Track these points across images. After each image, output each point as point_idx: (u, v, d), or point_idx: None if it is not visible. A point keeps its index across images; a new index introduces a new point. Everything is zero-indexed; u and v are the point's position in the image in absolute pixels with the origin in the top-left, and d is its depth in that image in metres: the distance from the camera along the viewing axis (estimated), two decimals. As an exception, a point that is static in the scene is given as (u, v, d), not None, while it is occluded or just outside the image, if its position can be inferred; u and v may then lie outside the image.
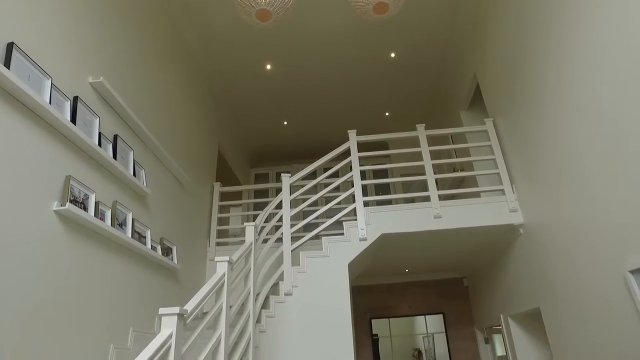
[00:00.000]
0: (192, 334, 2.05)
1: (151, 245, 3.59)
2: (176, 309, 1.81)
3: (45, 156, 2.49)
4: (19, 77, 2.24)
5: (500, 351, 5.85)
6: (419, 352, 6.98)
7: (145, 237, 3.56)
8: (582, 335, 3.06)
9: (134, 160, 3.47)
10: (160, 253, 3.70)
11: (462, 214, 3.99)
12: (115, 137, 3.28)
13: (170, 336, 1.76)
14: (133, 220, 3.36)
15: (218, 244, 4.98)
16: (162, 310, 1.81)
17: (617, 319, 2.64)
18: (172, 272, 3.99)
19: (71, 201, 2.61)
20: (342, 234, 3.92)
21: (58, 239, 2.53)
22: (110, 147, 3.17)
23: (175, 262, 3.97)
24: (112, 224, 3.07)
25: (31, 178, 2.36)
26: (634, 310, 2.47)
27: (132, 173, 3.38)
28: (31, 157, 2.37)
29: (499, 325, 5.17)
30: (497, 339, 5.90)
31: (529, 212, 3.80)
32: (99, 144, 2.97)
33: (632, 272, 2.48)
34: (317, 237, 4.13)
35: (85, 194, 2.81)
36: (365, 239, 3.86)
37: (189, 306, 2.00)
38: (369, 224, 3.92)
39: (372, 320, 6.03)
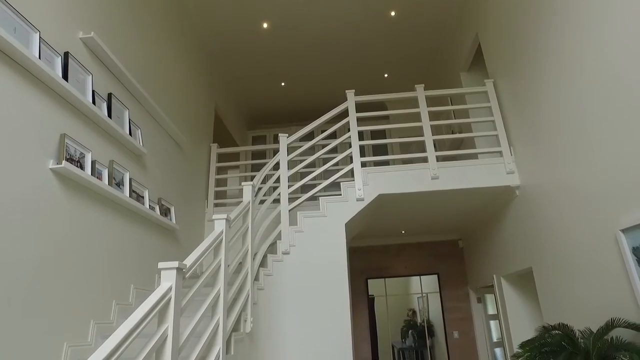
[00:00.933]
0: (192, 288, 2.09)
1: (149, 205, 3.61)
2: (175, 263, 1.84)
3: (39, 114, 2.45)
4: (4, 29, 2.16)
5: (491, 310, 6.04)
6: (414, 311, 7.21)
7: (143, 197, 3.57)
8: (571, 293, 3.15)
9: (129, 119, 3.43)
10: (158, 213, 3.73)
11: (459, 175, 4.00)
12: (110, 95, 3.22)
13: (169, 289, 1.80)
14: (130, 180, 3.36)
15: (216, 205, 5.01)
16: (161, 265, 1.85)
17: (606, 276, 2.72)
18: (170, 232, 4.03)
19: (67, 159, 2.60)
20: (340, 195, 3.94)
21: (57, 198, 2.54)
22: (104, 105, 3.13)
23: (174, 222, 4.01)
24: (110, 183, 3.07)
25: (25, 136, 2.33)
26: (622, 267, 2.53)
27: (128, 132, 3.35)
28: (24, 115, 2.34)
29: (492, 285, 5.31)
30: (489, 298, 6.08)
31: (526, 174, 3.81)
32: (93, 102, 2.93)
33: (623, 231, 2.52)
34: (314, 198, 4.16)
35: (81, 153, 2.80)
36: (362, 200, 3.89)
37: (188, 261, 2.04)
38: (366, 185, 3.94)
39: (368, 281, 6.18)
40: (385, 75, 6.67)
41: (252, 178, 5.34)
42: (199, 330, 2.58)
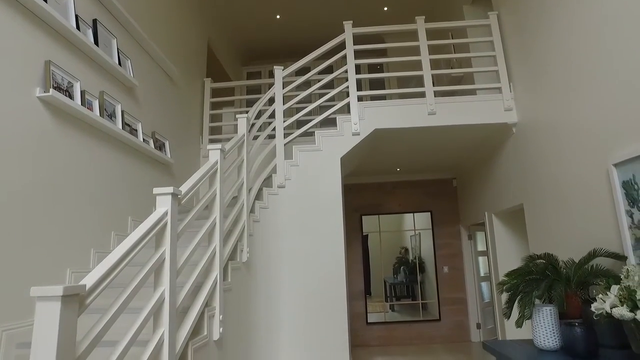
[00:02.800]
0: (189, 214, 2.13)
1: (143, 138, 3.58)
2: (170, 189, 1.85)
3: (20, 39, 2.34)
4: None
5: (481, 247, 6.25)
6: (406, 249, 7.47)
7: (136, 131, 3.53)
8: (559, 227, 3.24)
9: (117, 49, 3.30)
10: (152, 147, 3.71)
11: (457, 111, 3.95)
12: (95, 21, 3.07)
13: (165, 214, 1.83)
14: (122, 112, 3.30)
15: (211, 140, 4.98)
16: (156, 190, 1.86)
17: (593, 210, 2.78)
18: (166, 166, 4.03)
19: (55, 88, 2.53)
20: (335, 129, 3.91)
21: (47, 129, 2.50)
22: (90, 32, 2.99)
23: (169, 156, 4.00)
24: (101, 115, 3.02)
25: (7, 63, 2.25)
26: (610, 200, 2.59)
27: (117, 62, 3.24)
28: (5, 40, 2.23)
29: (483, 223, 5.45)
30: (479, 235, 6.27)
31: (524, 111, 3.77)
32: (77, 28, 2.79)
33: (615, 165, 2.54)
34: (309, 134, 4.13)
35: (69, 82, 2.72)
36: (358, 134, 3.86)
37: (183, 188, 2.05)
38: (362, 119, 3.90)
39: (363, 217, 6.32)
40: (385, 9, 6.36)
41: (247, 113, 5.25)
42: (196, 259, 2.66)
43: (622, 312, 1.94)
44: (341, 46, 4.17)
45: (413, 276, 6.65)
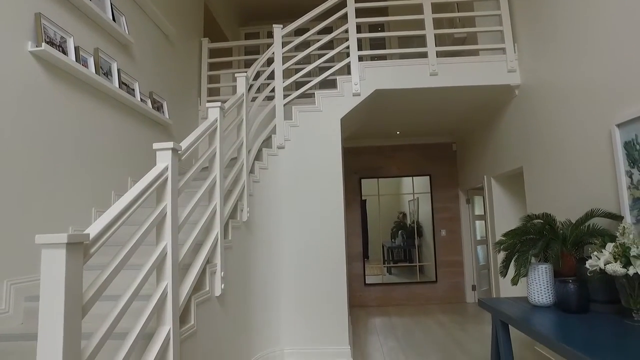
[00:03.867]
0: (188, 172, 2.12)
1: (140, 98, 3.52)
2: (170, 144, 1.84)
3: (9, -12, 2.26)
4: None
5: (478, 211, 6.31)
6: (404, 214, 7.54)
7: (134, 90, 3.47)
8: (558, 189, 3.25)
9: (111, 3, 3.19)
10: (150, 107, 3.66)
11: (459, 72, 3.88)
12: (86, -27, 2.94)
13: (166, 169, 1.82)
14: (119, 70, 3.23)
15: (209, 102, 4.90)
16: (156, 145, 1.84)
17: (593, 171, 2.78)
18: (164, 127, 3.99)
19: (47, 42, 2.46)
20: (336, 90, 3.85)
21: (42, 85, 2.45)
22: (80, -16, 2.87)
23: (167, 117, 3.95)
24: (97, 72, 2.95)
25: (-1, 12, 2.17)
26: (611, 161, 2.59)
27: (111, 18, 3.14)
28: (-6, -13, 2.15)
29: (481, 187, 5.48)
30: (477, 200, 6.31)
31: (527, 73, 3.71)
32: (69, -20, 2.69)
33: (618, 125, 2.52)
34: (308, 96, 4.06)
35: (62, 37, 2.64)
36: (358, 94, 3.81)
37: (183, 144, 2.04)
38: (362, 79, 3.83)
39: (362, 181, 6.34)
40: (388, -35, 6.11)
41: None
42: (196, 219, 2.68)
43: (615, 268, 1.99)
44: (341, 5, 4.04)
45: (411, 240, 6.74)
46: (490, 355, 2.65)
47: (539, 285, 2.47)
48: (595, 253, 2.17)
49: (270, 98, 4.52)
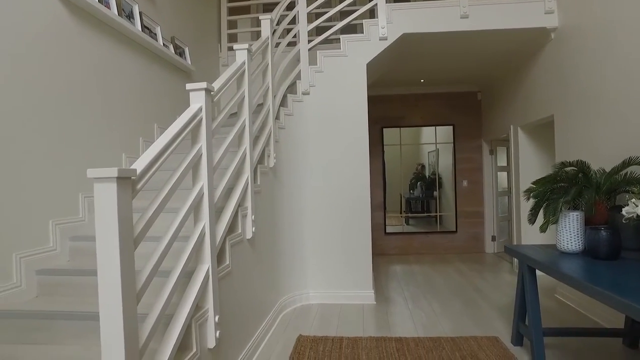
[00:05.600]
0: (220, 114, 2.11)
1: (163, 43, 3.45)
2: (203, 84, 1.81)
3: None
4: None
5: (501, 162, 6.21)
6: (422, 166, 7.48)
7: (156, 35, 3.40)
8: (591, 138, 3.14)
9: (128, -60, 3.05)
10: (173, 52, 3.59)
11: (492, 14, 3.67)
12: None
13: (200, 109, 1.80)
14: (140, 13, 3.15)
15: (230, 49, 4.79)
16: (189, 86, 1.82)
17: (632, 118, 2.66)
18: (187, 74, 3.94)
19: (71, -19, 2.39)
20: (362, 34, 3.70)
21: (68, 28, 2.41)
22: None
23: (189, 63, 3.88)
24: (119, 14, 2.88)
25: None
26: (657, 104, 2.46)
27: (129, -44, 3.02)
28: None
29: (506, 139, 5.36)
30: (501, 151, 6.20)
31: (567, 14, 3.48)
32: None
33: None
34: (330, 41, 3.92)
35: (84, -24, 2.56)
36: (385, 39, 3.66)
37: (215, 85, 2.01)
38: (390, 23, 3.66)
39: (384, 130, 6.24)
40: None
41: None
42: (226, 164, 2.70)
43: (655, 213, 1.95)
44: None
45: (429, 191, 6.72)
46: (515, 300, 2.70)
47: (569, 232, 2.45)
48: (633, 200, 2.12)
49: (292, 44, 4.39)
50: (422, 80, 5.74)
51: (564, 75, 3.56)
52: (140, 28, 3.11)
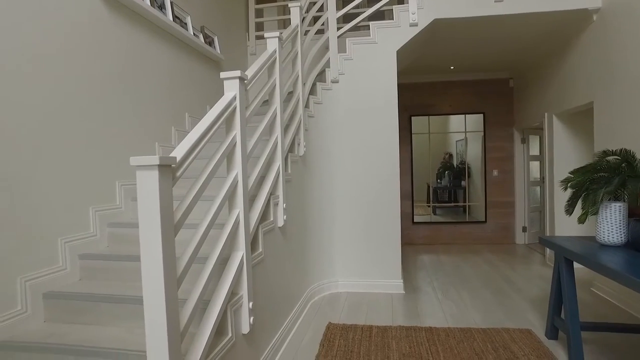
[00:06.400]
0: (252, 103, 2.11)
1: (193, 32, 3.48)
2: (237, 72, 1.81)
3: None
4: None
5: (534, 151, 6.02)
6: (450, 155, 7.34)
7: (186, 24, 3.43)
8: (636, 125, 3.00)
9: None
10: (203, 41, 3.62)
11: (529, -4, 3.53)
12: None
13: (234, 98, 1.81)
14: (171, 3, 3.17)
15: (257, 37, 4.79)
16: (223, 74, 1.83)
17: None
18: (216, 63, 3.97)
19: (106, -28, 2.42)
20: (391, 20, 3.62)
21: (103, 19, 2.46)
22: None
23: (219, 52, 3.91)
24: (152, 5, 2.91)
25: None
26: None
27: (161, -55, 3.04)
28: None
29: (538, 127, 5.18)
30: (533, 139, 6.01)
31: (610, -7, 3.31)
32: None
33: None
34: (360, 28, 3.86)
35: (118, -34, 2.59)
36: (416, 25, 3.58)
37: (248, 73, 2.01)
38: (421, 8, 3.57)
39: (412, 118, 6.15)
40: None
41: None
42: (258, 154, 2.71)
43: None
44: None
45: (457, 181, 6.60)
46: (550, 292, 2.63)
47: (610, 224, 2.36)
48: (682, 190, 2.02)
49: (320, 32, 4.35)
50: (451, 67, 5.60)
51: (607, 59, 3.39)
52: (171, 18, 3.14)
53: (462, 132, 6.24)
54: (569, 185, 2.69)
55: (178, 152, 1.36)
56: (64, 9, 2.16)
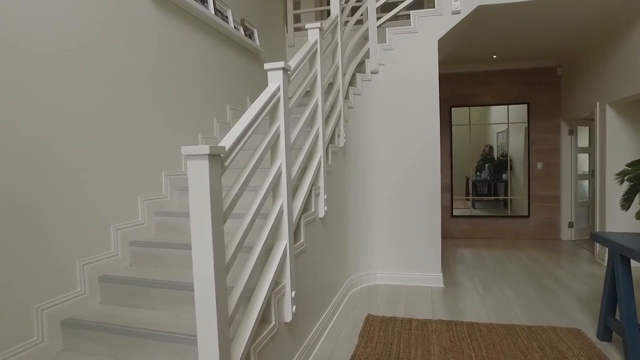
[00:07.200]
0: (295, 94, 2.12)
1: (233, 25, 3.52)
2: (280, 64, 1.82)
3: None
4: None
5: (583, 142, 5.73)
6: (490, 147, 7.11)
7: (227, 17, 3.48)
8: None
9: None
10: (243, 34, 3.66)
11: (582, -22, 3.33)
12: None
13: (278, 89, 1.82)
14: (213, -4, 3.22)
15: (296, 29, 4.80)
16: (267, 65, 1.84)
17: None
18: (255, 55, 4.01)
19: (153, -32, 2.49)
20: (433, 9, 3.52)
21: (150, 14, 2.53)
22: None
23: (258, 44, 3.94)
24: (195, -1, 2.97)
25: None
26: None
27: (203, -60, 3.08)
28: None
29: (589, 116, 4.91)
30: (582, 130, 5.71)
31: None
32: None
33: None
34: (400, 17, 3.77)
35: (164, -38, 2.65)
36: (458, 12, 3.46)
37: (292, 62, 2.01)
38: (464, -6, 3.46)
39: (452, 109, 5.99)
40: None
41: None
42: (299, 145, 2.73)
43: None
44: None
45: (498, 174, 6.39)
46: (603, 291, 2.51)
47: (671, 219, 2.21)
48: None
49: (359, 22, 4.30)
50: (494, 56, 5.40)
51: (668, 44, 3.16)
52: (213, 12, 3.19)
53: (504, 123, 6.02)
54: (625, 178, 2.55)
55: (226, 142, 1.38)
56: (118, 6, 2.24)
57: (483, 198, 6.34)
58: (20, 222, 1.68)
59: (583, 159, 5.78)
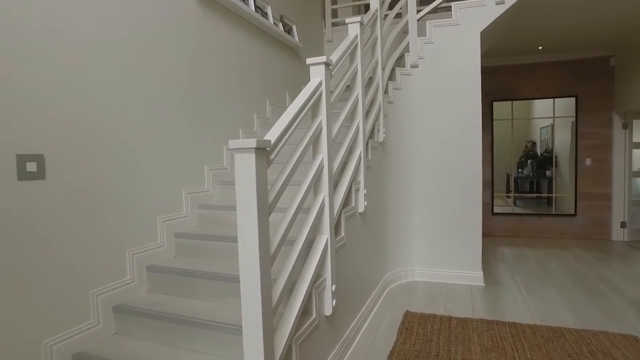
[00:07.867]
0: (336, 88, 2.12)
1: (273, 21, 3.56)
2: (322, 58, 1.82)
3: None
4: None
5: (638, 137, 5.39)
6: (533, 143, 6.83)
7: (267, 14, 3.51)
8: None
9: None
10: (282, 30, 3.69)
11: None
12: None
13: (320, 84, 1.83)
14: (253, -7, 3.27)
15: (334, 24, 4.78)
16: (309, 60, 1.85)
17: None
18: (294, 51, 4.03)
19: (197, -33, 2.55)
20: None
21: (194, 13, 2.60)
22: None
23: (297, 40, 3.96)
24: (236, -4, 3.02)
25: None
26: None
27: (245, -62, 3.13)
28: None
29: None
30: (638, 125, 5.38)
31: None
32: None
33: None
34: (441, 10, 3.68)
35: (207, -39, 2.71)
36: (502, 2, 3.33)
37: (333, 57, 2.01)
38: (510, -17, 3.33)
39: (494, 104, 5.80)
40: None
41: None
42: (340, 140, 2.73)
43: None
44: None
45: (541, 170, 6.14)
46: (660, 293, 2.36)
47: None
48: None
49: (399, 16, 4.24)
50: (540, 48, 5.17)
51: None
52: (253, 9, 3.23)
53: (550, 117, 5.77)
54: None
55: (271, 136, 1.40)
56: (166, 6, 2.32)
57: (525, 195, 6.12)
58: (84, 212, 1.78)
59: (639, 155, 5.45)
